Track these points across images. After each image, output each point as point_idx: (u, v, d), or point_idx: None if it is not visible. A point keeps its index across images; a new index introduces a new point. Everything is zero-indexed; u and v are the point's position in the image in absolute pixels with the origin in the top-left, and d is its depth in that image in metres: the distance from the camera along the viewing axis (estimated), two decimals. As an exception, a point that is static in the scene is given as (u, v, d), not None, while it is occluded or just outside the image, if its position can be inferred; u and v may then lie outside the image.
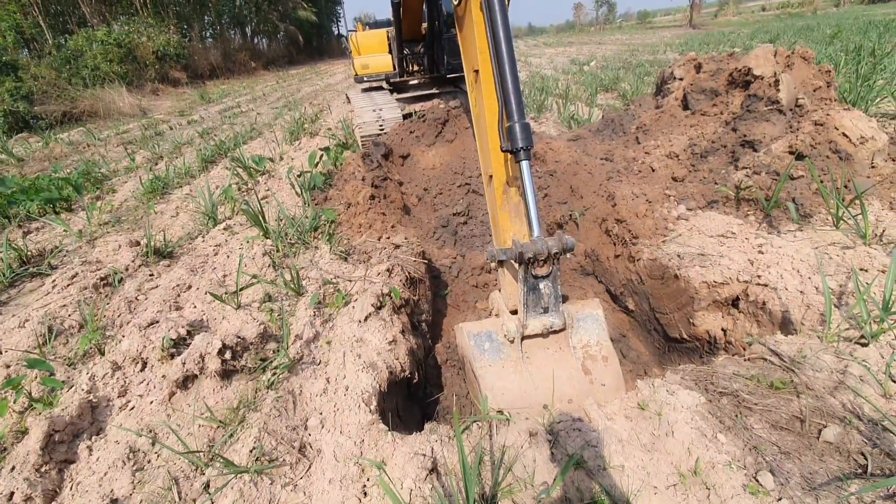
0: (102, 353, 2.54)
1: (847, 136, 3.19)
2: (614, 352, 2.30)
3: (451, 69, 6.76)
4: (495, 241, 2.54)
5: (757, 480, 1.49)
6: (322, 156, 5.38)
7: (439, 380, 3.04)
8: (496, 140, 2.27)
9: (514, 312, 2.34)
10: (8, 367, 2.37)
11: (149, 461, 1.89)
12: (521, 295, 2.20)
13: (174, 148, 7.96)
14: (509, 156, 2.25)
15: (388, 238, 3.42)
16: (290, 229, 3.64)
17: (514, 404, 2.06)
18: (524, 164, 2.14)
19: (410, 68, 7.36)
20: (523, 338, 2.25)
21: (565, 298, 2.42)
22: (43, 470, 1.82)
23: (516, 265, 2.15)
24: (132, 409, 2.15)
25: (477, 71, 2.32)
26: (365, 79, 7.04)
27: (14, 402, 2.15)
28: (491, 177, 2.39)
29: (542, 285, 2.20)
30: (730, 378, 1.92)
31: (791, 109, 3.65)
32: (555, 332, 2.28)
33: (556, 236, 2.08)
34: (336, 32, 53.97)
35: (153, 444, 1.94)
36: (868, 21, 17.87)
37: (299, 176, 4.78)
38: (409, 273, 3.05)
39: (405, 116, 6.09)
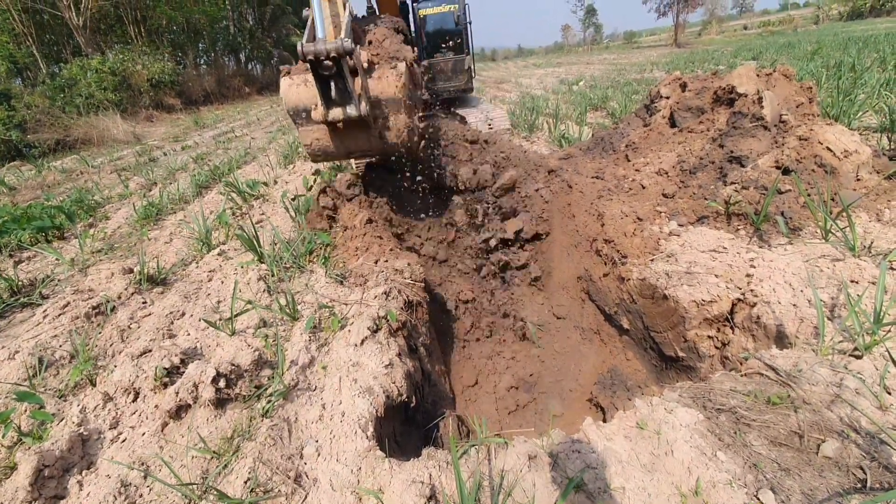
0: (94, 384, 2.50)
1: (831, 150, 3.26)
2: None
3: (438, 93, 6.94)
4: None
5: (758, 499, 1.48)
6: (316, 179, 5.41)
7: (439, 401, 3.00)
8: None
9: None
10: (-3, 400, 2.33)
11: (141, 495, 1.84)
12: (317, 91, 2.74)
13: (168, 174, 7.99)
14: None
15: (387, 262, 3.41)
16: (285, 253, 3.64)
17: (326, 151, 3.35)
18: None
19: None
20: (329, 122, 2.94)
21: None
22: (31, 508, 1.78)
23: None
24: (124, 441, 2.11)
25: None
26: None
27: (2, 437, 2.11)
28: None
29: (332, 83, 2.69)
30: (727, 394, 1.92)
31: (775, 125, 3.73)
32: (354, 117, 2.86)
33: (338, 40, 2.47)
34: (329, 57, 54.71)
35: (145, 478, 1.90)
36: (847, 37, 18.43)
37: (294, 200, 4.80)
38: (406, 296, 3.04)
39: None
